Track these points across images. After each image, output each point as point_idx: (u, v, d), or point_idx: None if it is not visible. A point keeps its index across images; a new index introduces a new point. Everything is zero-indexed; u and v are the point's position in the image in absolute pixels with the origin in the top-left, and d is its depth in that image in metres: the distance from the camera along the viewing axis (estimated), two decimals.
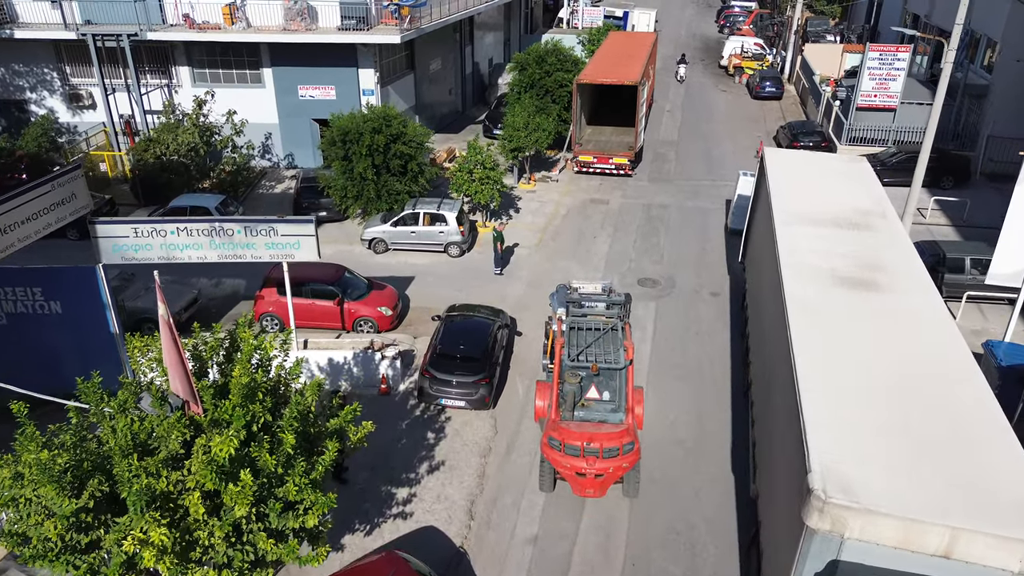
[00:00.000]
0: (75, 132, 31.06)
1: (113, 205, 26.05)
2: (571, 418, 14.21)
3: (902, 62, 30.57)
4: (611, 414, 14.33)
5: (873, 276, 13.79)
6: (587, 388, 14.52)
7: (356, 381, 17.51)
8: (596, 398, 14.52)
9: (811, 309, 12.68)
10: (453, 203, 24.89)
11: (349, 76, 29.90)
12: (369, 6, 28.14)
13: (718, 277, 23.46)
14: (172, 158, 25.61)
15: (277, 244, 15.97)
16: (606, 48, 36.50)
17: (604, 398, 14.48)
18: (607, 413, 14.35)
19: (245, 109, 29.96)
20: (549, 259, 24.78)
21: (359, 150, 23.96)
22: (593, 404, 14.47)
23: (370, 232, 24.66)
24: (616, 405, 14.41)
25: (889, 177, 30.00)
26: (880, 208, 16.95)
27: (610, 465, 13.71)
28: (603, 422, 14.21)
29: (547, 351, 17.68)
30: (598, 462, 13.65)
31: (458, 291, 22.64)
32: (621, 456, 13.75)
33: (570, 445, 13.73)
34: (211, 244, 15.88)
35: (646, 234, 26.60)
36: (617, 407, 14.38)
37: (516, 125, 29.12)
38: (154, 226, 15.64)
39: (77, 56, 29.48)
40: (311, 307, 19.66)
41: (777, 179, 18.51)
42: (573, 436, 13.75)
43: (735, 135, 37.74)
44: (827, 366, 11.30)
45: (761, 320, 16.22)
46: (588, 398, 14.54)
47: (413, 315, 21.37)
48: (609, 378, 14.53)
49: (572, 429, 13.92)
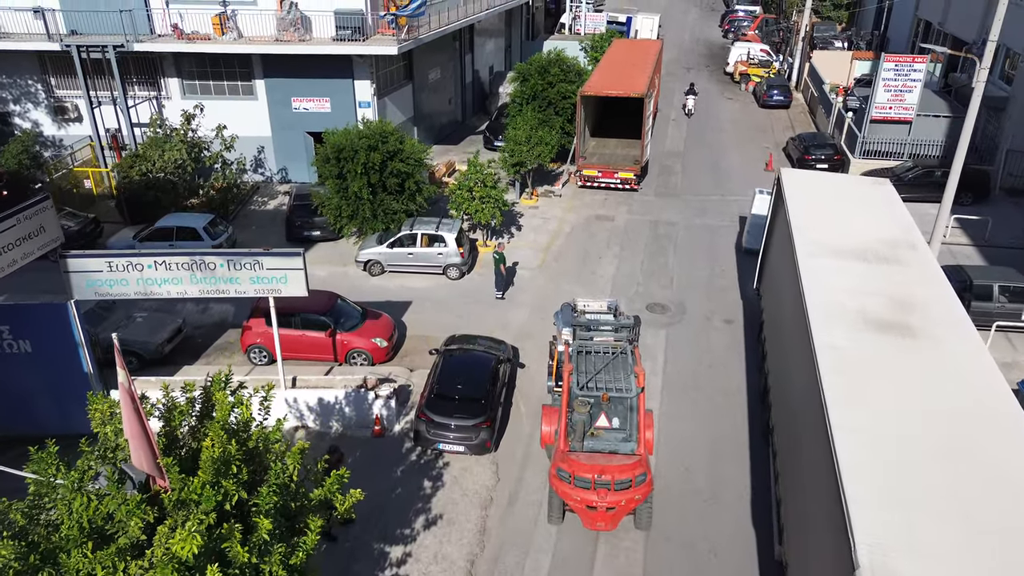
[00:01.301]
0: (60, 145, 29.97)
1: (98, 224, 24.95)
2: (581, 448, 13.61)
3: (918, 73, 29.47)
4: (622, 444, 13.78)
5: (907, 318, 12.67)
6: (596, 416, 13.89)
7: (348, 422, 16.40)
8: (606, 426, 13.88)
9: (843, 359, 11.56)
10: (452, 223, 23.78)
11: (345, 88, 28.80)
12: (365, 16, 27.05)
13: (730, 303, 22.33)
14: (158, 176, 24.48)
15: (263, 278, 14.86)
16: (610, 57, 35.39)
17: (614, 425, 13.82)
18: (618, 443, 13.79)
19: (237, 122, 28.94)
20: (553, 281, 23.66)
21: (354, 168, 22.85)
22: (603, 433, 13.88)
23: (365, 254, 23.55)
24: (627, 434, 13.84)
25: (906, 193, 28.60)
26: (909, 238, 15.83)
27: (622, 498, 13.11)
28: (614, 452, 13.67)
29: (552, 373, 17.08)
30: (609, 495, 13.05)
31: (458, 317, 21.54)
32: (633, 488, 13.17)
33: (580, 477, 13.15)
34: (191, 278, 14.77)
35: (654, 254, 25.48)
36: (628, 436, 13.82)
37: (518, 139, 28.02)
38: (129, 260, 14.52)
39: (62, 67, 28.39)
40: (301, 339, 18.55)
41: (796, 204, 17.40)
42: (583, 468, 13.18)
43: (743, 146, 36.64)
44: (867, 430, 10.17)
45: (783, 361, 15.10)
46: (598, 427, 13.94)
47: (410, 344, 20.25)
48: (619, 405, 13.89)
49: (582, 461, 13.34)
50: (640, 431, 13.71)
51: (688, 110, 40.37)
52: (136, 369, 18.31)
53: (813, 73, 43.85)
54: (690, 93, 41.17)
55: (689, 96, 40.72)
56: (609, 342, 15.60)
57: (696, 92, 41.61)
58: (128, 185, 24.85)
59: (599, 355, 15.04)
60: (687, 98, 40.81)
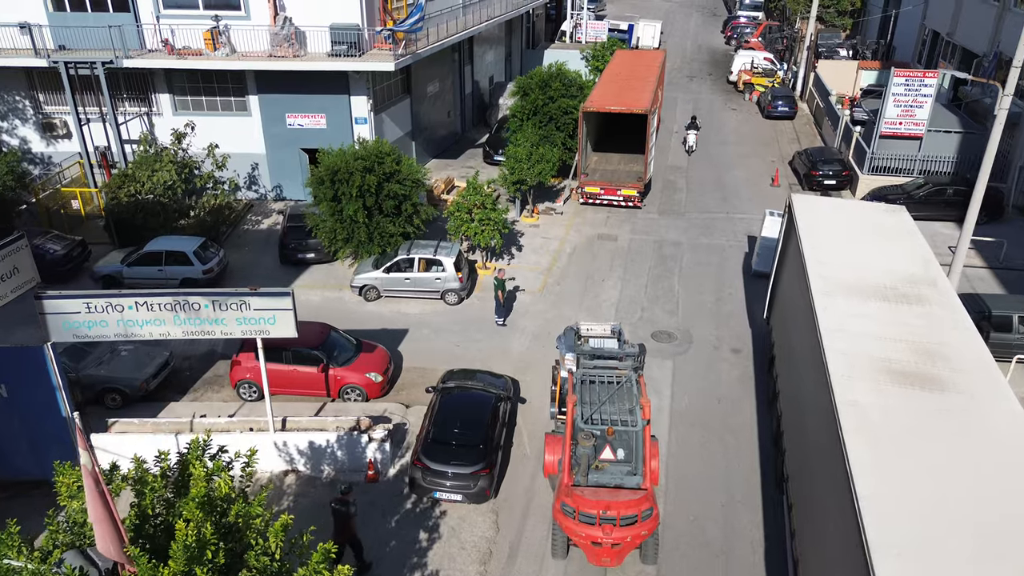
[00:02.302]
0: (49, 162, 29.23)
1: (85, 247, 24.18)
2: (585, 482, 13.32)
3: (929, 88, 28.71)
4: (627, 477, 13.41)
5: (935, 370, 11.91)
6: (601, 448, 13.46)
7: (340, 466, 15.63)
8: (611, 459, 13.50)
9: (867, 418, 10.79)
10: (450, 246, 23.02)
11: (340, 104, 28.05)
12: (362, 31, 26.30)
13: (739, 330, 21.57)
14: (147, 197, 23.72)
15: (250, 319, 14.10)
16: (612, 70, 34.64)
17: (619, 457, 13.45)
18: (623, 476, 13.43)
19: (230, 139, 28.22)
20: (555, 306, 22.90)
21: (349, 191, 22.10)
22: (608, 466, 13.51)
23: (361, 278, 22.79)
24: (633, 467, 13.46)
25: (917, 211, 27.85)
26: (929, 273, 15.07)
27: (628, 534, 12.80)
28: (619, 487, 13.32)
29: (555, 399, 16.59)
30: (615, 531, 12.74)
31: (456, 346, 20.79)
32: (639, 524, 12.86)
33: (585, 513, 12.83)
34: (175, 320, 14.02)
35: (658, 277, 24.71)
36: (634, 469, 13.44)
37: (518, 156, 27.28)
38: (109, 300, 13.76)
39: (50, 83, 27.64)
40: (292, 374, 17.80)
41: (809, 234, 16.64)
42: (588, 504, 12.85)
43: (748, 160, 35.89)
44: (896, 498, 9.41)
45: (798, 406, 14.33)
46: (603, 459, 13.49)
47: (406, 377, 19.49)
48: (624, 437, 13.53)
49: (587, 496, 12.98)
50: (646, 463, 13.36)
51: (689, 147, 36.04)
52: (120, 407, 17.61)
53: (818, 83, 43.09)
54: (691, 128, 36.54)
55: (690, 131, 36.26)
56: (614, 371, 15.09)
57: (698, 126, 37.26)
58: (116, 207, 24.08)
59: (603, 385, 14.61)
60: (688, 133, 36.26)
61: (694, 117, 37.88)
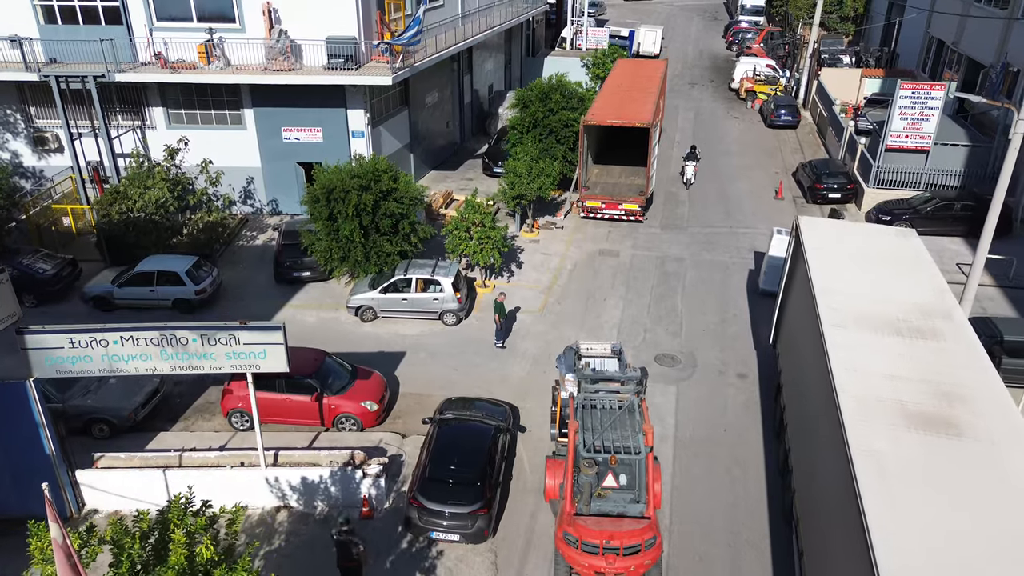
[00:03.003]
0: (42, 176, 28.73)
1: (75, 266, 23.67)
2: (588, 511, 13.16)
3: (936, 101, 28.20)
4: (630, 505, 13.26)
5: (952, 412, 11.41)
6: (604, 475, 13.26)
7: (334, 502, 15.13)
8: (614, 486, 13.33)
9: (883, 468, 10.30)
10: (449, 266, 22.54)
11: (337, 117, 27.56)
12: (358, 44, 25.80)
13: (744, 353, 21.06)
14: (139, 215, 23.22)
15: (239, 353, 13.60)
16: (613, 80, 34.14)
17: (622, 483, 13.28)
18: (626, 504, 13.28)
19: (225, 152, 27.75)
20: (555, 327, 22.40)
21: (345, 210, 21.59)
22: (611, 493, 13.35)
23: (357, 299, 22.30)
24: (636, 495, 13.32)
25: (923, 226, 27.62)
26: (943, 304, 14.57)
27: (631, 563, 12.70)
28: (622, 515, 13.16)
29: (555, 419, 16.39)
30: (618, 561, 12.61)
31: (454, 370, 20.29)
32: (643, 553, 12.72)
33: (588, 543, 12.68)
34: (162, 354, 13.52)
35: (661, 296, 24.21)
36: (637, 497, 13.29)
37: (518, 170, 26.78)
38: (93, 336, 13.27)
39: (41, 96, 27.13)
40: (285, 402, 17.30)
41: (817, 260, 16.15)
42: (591, 534, 12.73)
43: (751, 171, 35.39)
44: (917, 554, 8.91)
45: (808, 445, 13.83)
46: (605, 487, 13.31)
47: (403, 404, 18.98)
48: (628, 464, 13.36)
49: (590, 526, 12.85)
50: (649, 491, 13.18)
51: (687, 179, 32.58)
52: (108, 437, 17.12)
53: (821, 91, 42.59)
54: (690, 158, 32.88)
55: (689, 162, 32.63)
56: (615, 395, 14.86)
57: (698, 157, 33.61)
58: (108, 224, 23.58)
59: (605, 410, 14.38)
60: (686, 164, 32.70)
61: (694, 147, 33.96)
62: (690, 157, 33.07)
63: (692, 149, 33.81)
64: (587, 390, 15.09)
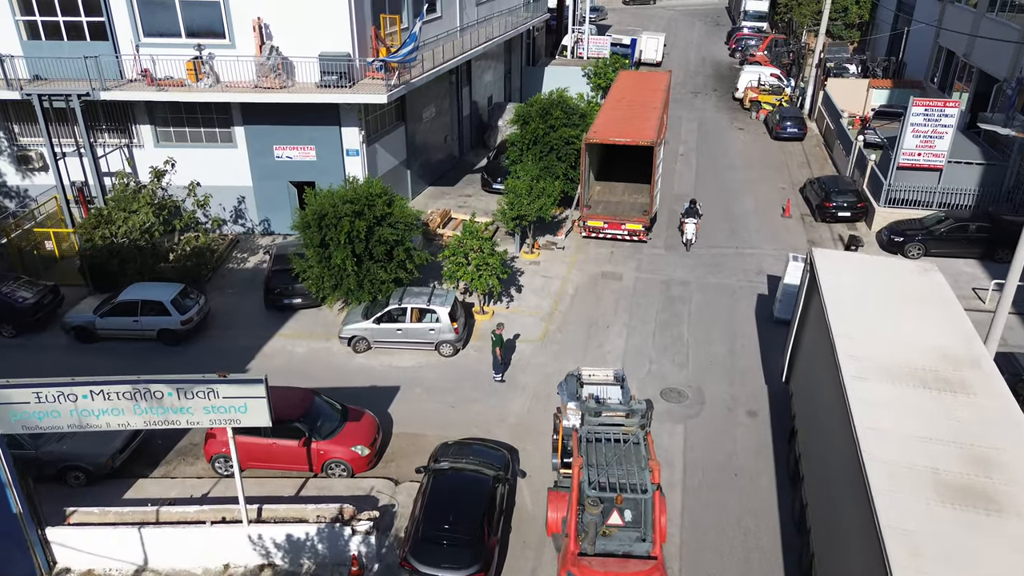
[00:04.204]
0: (26, 196, 27.83)
1: (57, 294, 22.77)
2: (592, 551, 12.73)
3: (950, 118, 27.27)
4: (636, 544, 12.86)
5: (989, 483, 10.49)
6: (609, 512, 12.82)
7: (321, 559, 14.21)
8: (619, 524, 12.93)
9: (918, 551, 9.39)
10: (445, 295, 21.62)
11: (331, 135, 26.65)
12: (352, 60, 24.90)
13: (754, 388, 20.14)
14: (122, 242, 22.31)
15: (219, 407, 12.69)
16: (616, 95, 33.21)
17: (627, 519, 12.89)
18: (632, 543, 12.87)
19: (215, 171, 26.87)
20: (556, 358, 21.48)
21: (337, 237, 20.67)
22: (616, 531, 12.94)
23: (349, 329, 21.38)
24: (642, 533, 12.90)
25: (937, 247, 26.83)
26: (971, 351, 13.64)
27: None
28: (628, 555, 12.76)
29: (557, 448, 15.93)
30: None
31: (450, 407, 19.38)
32: None
33: None
34: (135, 409, 12.61)
35: (666, 324, 23.28)
36: (643, 536, 12.88)
37: (518, 191, 25.88)
38: (61, 390, 12.36)
39: (25, 114, 26.22)
40: (272, 448, 16.38)
41: (834, 300, 15.22)
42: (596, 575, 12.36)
43: (756, 186, 34.48)
44: None
45: (830, 509, 12.89)
46: (611, 524, 12.90)
47: (396, 445, 18.06)
48: (634, 501, 12.90)
49: (595, 568, 12.48)
50: (656, 529, 12.80)
51: (687, 240, 27.81)
52: (84, 485, 16.22)
53: (828, 102, 41.70)
54: (690, 214, 27.98)
55: (689, 219, 27.78)
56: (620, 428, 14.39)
57: (700, 212, 28.52)
58: (91, 249, 22.67)
59: (609, 443, 13.93)
60: (686, 222, 27.84)
61: (693, 201, 28.73)
62: (690, 213, 28.06)
63: (692, 204, 28.52)
64: (591, 423, 14.62)
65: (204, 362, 20.87)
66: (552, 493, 14.28)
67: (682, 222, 28.39)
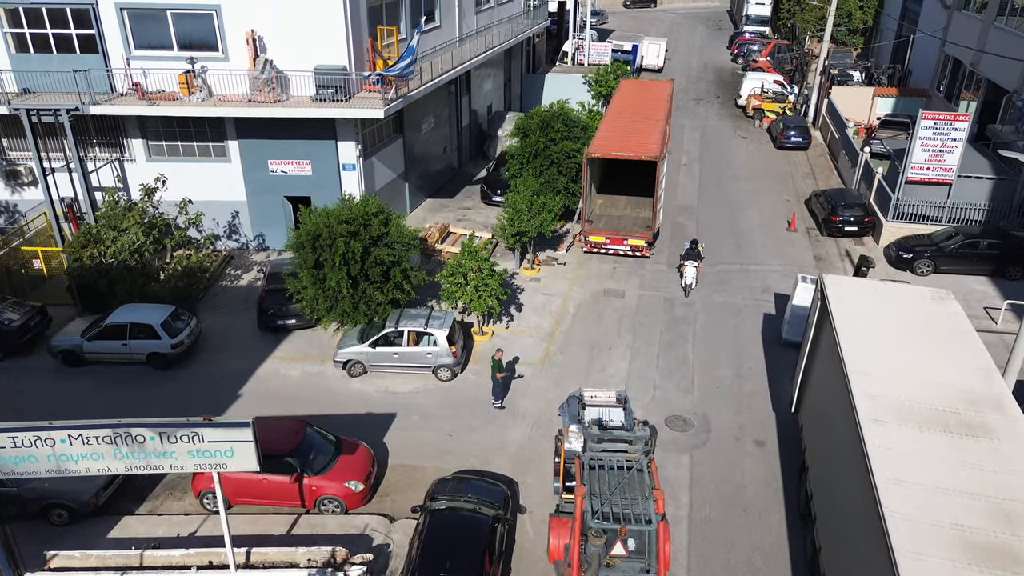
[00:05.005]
0: (15, 211, 27.23)
1: (45, 315, 22.18)
2: None
3: (960, 132, 26.65)
4: (641, 575, 12.52)
5: (1018, 542, 9.88)
6: (612, 542, 12.48)
7: None
8: (623, 555, 12.65)
9: None
10: (443, 317, 21.01)
11: (327, 149, 26.04)
12: (349, 73, 24.29)
13: (762, 415, 19.52)
14: (111, 262, 21.70)
15: (204, 451, 12.09)
16: (618, 105, 32.59)
17: (631, 549, 12.64)
18: (636, 574, 12.56)
19: (208, 186, 26.28)
20: (557, 383, 20.87)
21: (332, 258, 20.06)
22: (619, 562, 12.63)
23: (345, 353, 20.77)
24: (646, 565, 12.62)
25: (946, 264, 26.23)
26: (992, 390, 13.04)
27: None
28: None
29: (559, 472, 15.63)
30: None
31: (448, 436, 18.77)
32: None
33: None
34: (115, 453, 12.01)
35: (670, 345, 22.67)
36: (647, 567, 12.60)
37: (518, 206, 25.27)
38: (38, 435, 11.75)
39: (13, 128, 25.60)
40: (262, 483, 15.77)
41: (847, 333, 14.61)
42: None
43: (761, 198, 33.88)
44: None
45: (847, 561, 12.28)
46: (614, 555, 12.58)
47: (392, 478, 17.44)
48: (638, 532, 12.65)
49: None
50: (660, 560, 12.43)
51: (686, 284, 25.11)
52: (67, 523, 15.61)
53: (832, 110, 41.09)
54: (690, 257, 25.18)
55: (689, 263, 25.02)
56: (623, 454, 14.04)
57: (701, 255, 25.54)
58: (80, 269, 22.06)
59: (612, 471, 13.56)
60: (685, 265, 25.08)
61: (695, 242, 25.75)
62: (690, 255, 25.20)
63: (693, 245, 25.54)
64: (593, 449, 14.27)
65: (195, 387, 20.32)
66: (554, 519, 14.20)
67: (681, 264, 25.48)
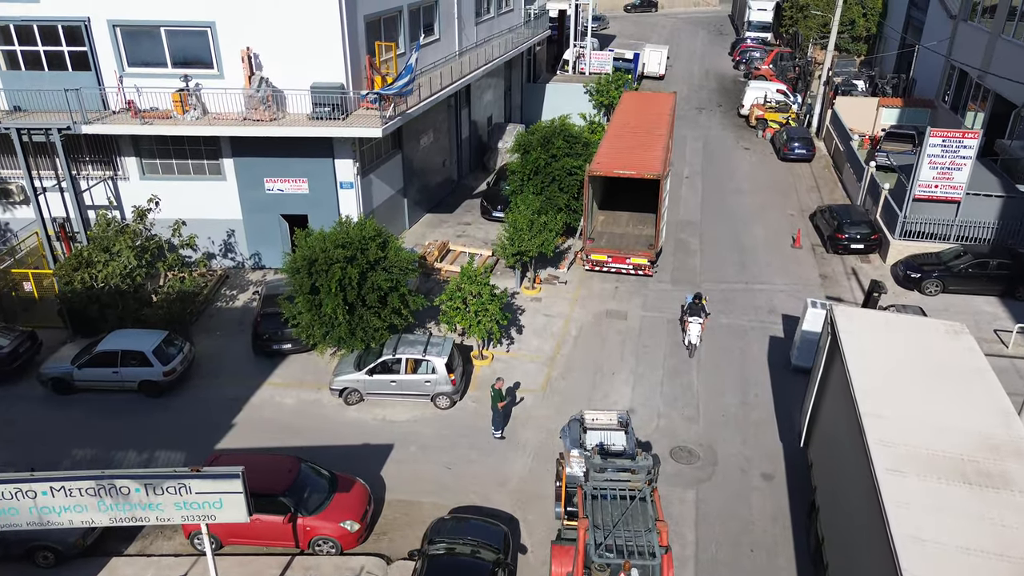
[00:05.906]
0: (7, 230, 26.74)
1: (35, 340, 21.71)
2: None
3: (968, 150, 26.17)
4: None
5: None
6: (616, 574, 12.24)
7: None
8: None
9: None
10: (442, 343, 20.51)
11: (324, 168, 25.56)
12: (346, 91, 23.82)
13: (769, 446, 19.03)
14: (101, 287, 21.22)
15: (192, 503, 11.63)
16: (619, 120, 32.10)
17: None
18: None
19: (203, 204, 25.83)
20: (559, 411, 20.36)
21: (328, 284, 19.57)
22: None
23: (341, 380, 20.28)
24: None
25: (955, 284, 25.76)
26: (1011, 434, 12.54)
27: None
28: None
29: (559, 496, 15.55)
30: None
31: (447, 469, 18.28)
32: None
33: None
34: (99, 505, 11.56)
35: (675, 370, 22.18)
36: None
37: (519, 225, 24.78)
38: (19, 486, 11.29)
39: (4, 146, 25.12)
40: (255, 524, 15.14)
41: (860, 372, 14.10)
42: None
43: (765, 213, 33.38)
44: None
45: None
46: None
47: (389, 515, 16.94)
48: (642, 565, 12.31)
49: None
50: None
51: (689, 342, 22.74)
52: (53, 565, 15.11)
53: (836, 121, 40.61)
54: (695, 312, 22.76)
55: (693, 319, 22.61)
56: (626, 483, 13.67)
57: (706, 310, 23.11)
58: (71, 293, 21.59)
59: (615, 500, 13.27)
60: (690, 321, 22.64)
61: (699, 296, 23.34)
62: (694, 311, 22.82)
63: (697, 300, 23.16)
64: (596, 479, 13.87)
65: (187, 416, 19.85)
66: (556, 548, 14.20)
67: (684, 321, 23.06)
